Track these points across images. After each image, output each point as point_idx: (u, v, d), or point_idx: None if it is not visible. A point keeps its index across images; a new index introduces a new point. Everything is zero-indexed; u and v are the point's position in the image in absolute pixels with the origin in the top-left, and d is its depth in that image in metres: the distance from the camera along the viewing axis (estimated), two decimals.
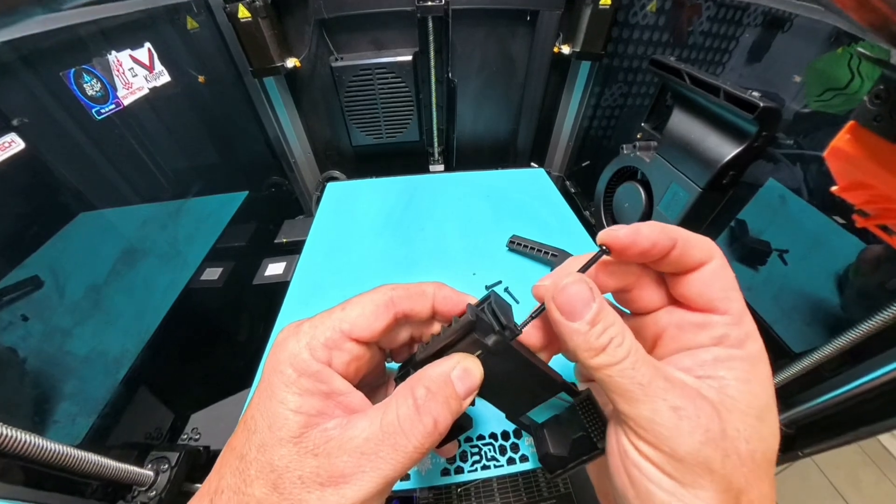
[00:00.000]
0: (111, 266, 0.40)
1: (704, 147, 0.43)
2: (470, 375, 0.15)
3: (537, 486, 0.47)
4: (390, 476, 0.13)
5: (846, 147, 0.17)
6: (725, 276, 0.14)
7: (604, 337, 0.13)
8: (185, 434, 0.46)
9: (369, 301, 0.16)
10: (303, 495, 0.12)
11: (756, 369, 0.13)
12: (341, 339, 0.15)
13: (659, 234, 0.14)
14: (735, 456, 0.12)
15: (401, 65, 0.64)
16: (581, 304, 0.14)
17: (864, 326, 0.30)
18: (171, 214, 0.51)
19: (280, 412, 0.13)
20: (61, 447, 0.26)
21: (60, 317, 0.35)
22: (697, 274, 0.14)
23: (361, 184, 0.60)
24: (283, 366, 0.14)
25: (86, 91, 0.37)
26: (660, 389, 0.13)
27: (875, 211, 0.19)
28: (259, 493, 0.12)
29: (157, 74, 0.46)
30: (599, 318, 0.14)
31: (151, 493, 0.33)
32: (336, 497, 0.12)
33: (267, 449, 0.13)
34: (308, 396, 0.14)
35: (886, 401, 0.30)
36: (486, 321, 0.16)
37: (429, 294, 0.17)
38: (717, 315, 0.14)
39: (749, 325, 0.14)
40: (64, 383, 0.34)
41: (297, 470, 0.13)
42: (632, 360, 0.13)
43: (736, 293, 0.14)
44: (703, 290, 0.14)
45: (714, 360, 0.14)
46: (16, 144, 0.30)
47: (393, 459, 0.13)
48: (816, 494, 1.01)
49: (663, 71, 0.47)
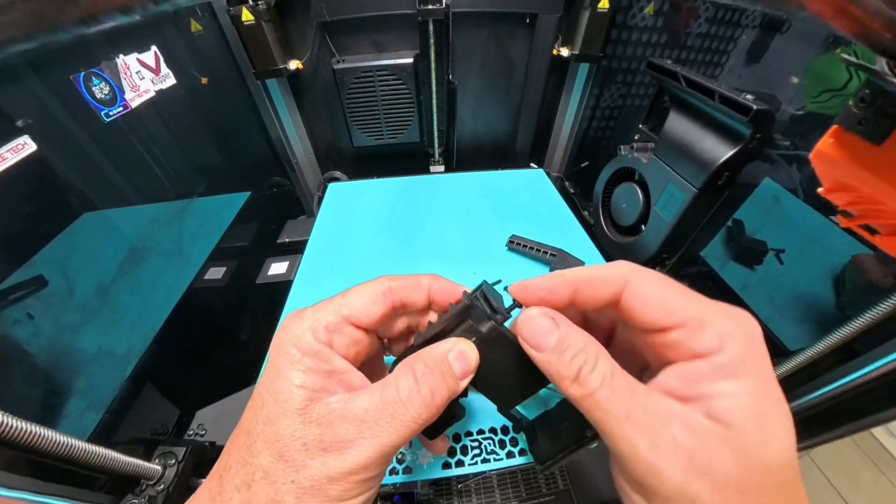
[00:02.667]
0: (118, 265, 0.41)
1: (700, 149, 0.44)
2: (465, 357, 0.16)
3: (536, 483, 0.47)
4: (388, 444, 0.13)
5: (830, 150, 0.18)
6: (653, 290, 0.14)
7: (573, 364, 0.13)
8: (190, 430, 0.46)
9: (368, 289, 0.17)
10: (306, 461, 0.13)
11: (745, 370, 0.12)
12: (342, 323, 0.16)
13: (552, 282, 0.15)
14: (732, 490, 0.11)
15: (402, 67, 0.65)
16: (544, 335, 0.14)
17: (855, 323, 0.31)
18: (176, 214, 0.52)
19: (286, 387, 0.14)
20: (73, 440, 0.27)
21: (70, 314, 0.36)
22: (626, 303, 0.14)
23: (363, 184, 0.60)
24: (287, 346, 0.15)
25: (95, 94, 0.38)
26: (638, 424, 0.12)
27: (859, 211, 0.19)
28: (265, 462, 0.13)
29: (163, 77, 0.47)
30: (564, 344, 0.14)
31: (159, 486, 0.34)
32: (338, 462, 0.13)
33: (273, 421, 0.13)
34: (311, 374, 0.14)
35: (878, 395, 0.31)
36: (480, 308, 0.17)
37: (424, 285, 0.18)
38: (676, 331, 0.13)
39: (718, 320, 0.13)
40: (74, 379, 0.35)
41: (301, 438, 0.13)
42: (605, 390, 0.12)
43: (680, 298, 0.13)
44: (644, 315, 0.14)
45: (696, 376, 0.12)
46: (28, 147, 0.31)
47: (391, 427, 0.13)
48: (816, 494, 1.02)
49: (660, 74, 0.48)
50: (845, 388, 0.32)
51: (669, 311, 0.13)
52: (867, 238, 0.20)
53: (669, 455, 0.11)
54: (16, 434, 0.24)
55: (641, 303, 0.14)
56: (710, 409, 0.12)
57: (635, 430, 0.12)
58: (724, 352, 0.12)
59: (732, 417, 0.11)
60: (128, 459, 0.31)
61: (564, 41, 0.68)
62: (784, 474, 0.11)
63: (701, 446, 0.11)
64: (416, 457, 0.29)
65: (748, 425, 0.11)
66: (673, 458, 0.11)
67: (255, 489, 0.13)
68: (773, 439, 0.11)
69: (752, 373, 0.12)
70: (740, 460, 0.11)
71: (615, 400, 0.12)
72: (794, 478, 0.12)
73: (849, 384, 0.31)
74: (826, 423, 0.35)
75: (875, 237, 0.19)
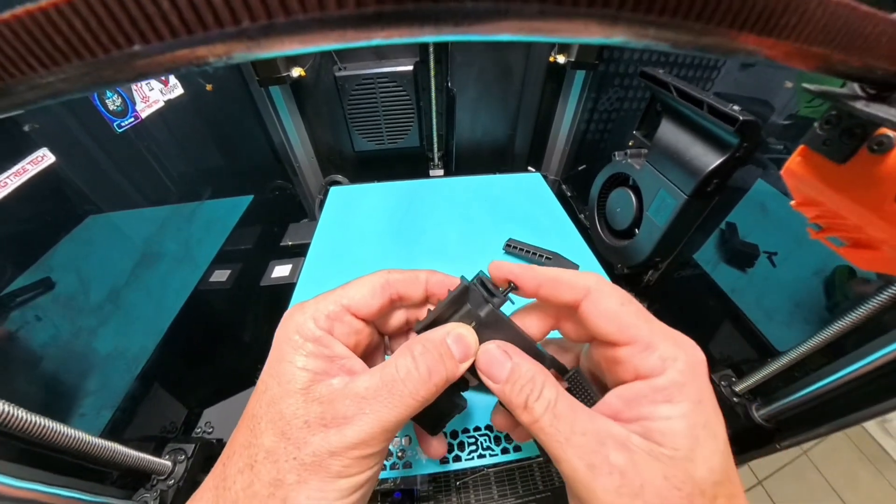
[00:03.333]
0: (131, 269, 0.43)
1: (690, 156, 0.45)
2: (463, 340, 0.16)
3: (532, 480, 0.49)
4: (388, 419, 0.14)
5: (797, 168, 0.19)
6: (611, 305, 0.15)
7: (522, 393, 0.14)
8: (198, 428, 0.48)
9: (367, 282, 0.18)
10: (308, 438, 0.13)
11: (682, 395, 0.13)
12: (342, 312, 0.16)
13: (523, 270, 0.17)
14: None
15: (402, 74, 0.67)
16: (498, 367, 0.15)
17: (839, 324, 0.32)
18: (185, 218, 0.54)
19: (289, 370, 0.14)
20: (87, 437, 0.28)
21: (86, 317, 0.37)
22: (584, 311, 0.15)
23: (364, 188, 0.62)
24: (290, 333, 0.15)
25: (108, 106, 0.40)
26: (576, 447, 0.13)
27: (826, 224, 0.21)
28: (268, 442, 0.13)
29: (171, 88, 0.49)
30: (515, 375, 0.15)
31: (170, 481, 0.35)
32: (338, 437, 0.13)
33: (277, 401, 0.14)
34: (313, 358, 0.15)
35: (860, 393, 0.32)
36: (478, 292, 0.17)
37: (422, 279, 0.19)
38: (625, 348, 0.14)
39: (663, 345, 0.13)
40: (88, 378, 0.37)
41: (303, 416, 0.13)
42: (549, 416, 0.13)
43: (634, 318, 0.14)
44: (598, 326, 0.15)
45: (637, 397, 0.13)
46: (48, 158, 0.33)
47: (390, 403, 0.14)
48: (813, 493, 1.02)
49: (652, 83, 0.49)
50: (829, 387, 0.33)
51: (622, 327, 0.14)
52: (833, 249, 0.21)
53: (604, 476, 0.12)
54: (35, 430, 0.25)
55: (597, 314, 0.15)
56: (646, 430, 0.13)
57: (575, 452, 0.13)
58: (664, 375, 0.13)
59: (665, 439, 0.12)
60: (139, 455, 0.33)
61: (561, 48, 0.69)
62: (715, 491, 0.12)
63: (633, 466, 0.12)
64: (415, 452, 0.31)
65: (680, 447, 0.12)
66: (607, 479, 0.12)
67: (257, 469, 0.13)
68: (703, 461, 0.12)
69: (689, 398, 0.13)
70: (670, 479, 0.12)
71: (557, 424, 0.13)
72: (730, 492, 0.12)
73: (836, 381, 0.32)
74: (811, 421, 0.36)
75: (841, 248, 0.20)
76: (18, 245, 0.33)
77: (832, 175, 0.17)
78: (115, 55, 0.08)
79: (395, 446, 0.31)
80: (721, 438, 0.13)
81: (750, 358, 0.47)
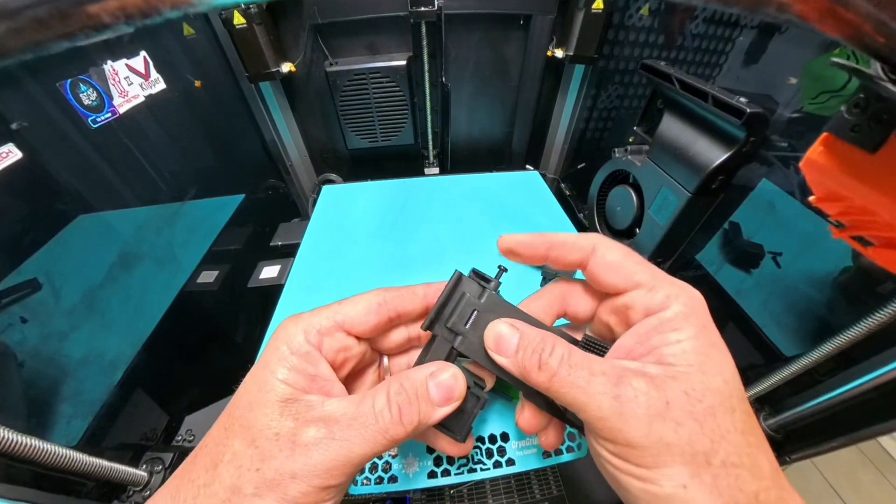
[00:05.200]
0: (107, 269, 0.41)
1: (693, 152, 0.43)
2: (444, 385, 0.16)
3: (530, 489, 0.47)
4: (355, 452, 0.14)
5: (820, 159, 0.18)
6: (615, 257, 0.16)
7: (534, 356, 0.15)
8: (179, 435, 0.46)
9: (363, 300, 0.18)
10: (274, 452, 0.13)
11: (688, 323, 0.14)
12: (334, 329, 0.17)
13: (532, 238, 0.18)
14: (690, 420, 0.12)
15: (395, 69, 0.65)
16: (506, 342, 0.16)
17: (854, 330, 0.31)
18: (168, 218, 0.52)
19: (270, 379, 0.15)
20: (58, 449, 0.27)
21: (58, 319, 0.35)
22: (592, 267, 0.17)
23: (357, 186, 0.60)
24: (279, 343, 0.16)
25: (82, 101, 0.38)
26: (599, 385, 0.13)
27: (850, 222, 0.19)
28: (237, 446, 0.13)
29: (152, 82, 0.47)
30: (524, 343, 0.16)
31: (146, 493, 0.33)
32: (304, 458, 0.13)
33: (254, 407, 0.14)
34: (295, 372, 0.15)
35: (876, 405, 0.30)
36: (473, 282, 0.18)
37: (420, 293, 0.19)
38: (633, 292, 0.15)
39: (666, 286, 0.15)
40: (61, 385, 0.35)
41: (275, 428, 0.14)
42: (565, 367, 0.14)
43: (637, 266, 0.16)
44: (606, 278, 0.16)
45: (648, 332, 0.14)
46: (13, 154, 0.31)
47: (361, 436, 0.14)
48: (815, 495, 1.01)
49: (654, 75, 0.47)
50: (843, 397, 0.31)
51: (628, 274, 0.16)
52: (860, 250, 0.19)
53: (630, 402, 0.13)
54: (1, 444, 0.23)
55: (605, 268, 0.16)
56: (659, 358, 0.14)
57: (598, 391, 0.13)
58: (669, 308, 0.14)
59: (678, 360, 0.13)
60: (114, 466, 0.31)
61: (559, 42, 0.67)
62: (732, 402, 0.13)
63: (655, 388, 0.13)
64: (401, 465, 0.29)
65: (693, 364, 0.13)
66: (634, 405, 0.13)
67: (220, 470, 0.13)
68: (715, 373, 0.13)
69: (693, 324, 0.14)
70: (691, 394, 0.12)
71: (575, 373, 0.14)
72: (744, 407, 0.13)
73: (851, 392, 0.31)
74: (823, 434, 0.34)
75: (868, 249, 0.19)
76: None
77: (861, 166, 0.16)
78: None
79: (380, 459, 0.29)
80: (729, 356, 0.14)
81: (756, 364, 0.45)
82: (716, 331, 0.14)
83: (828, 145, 0.17)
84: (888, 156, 0.15)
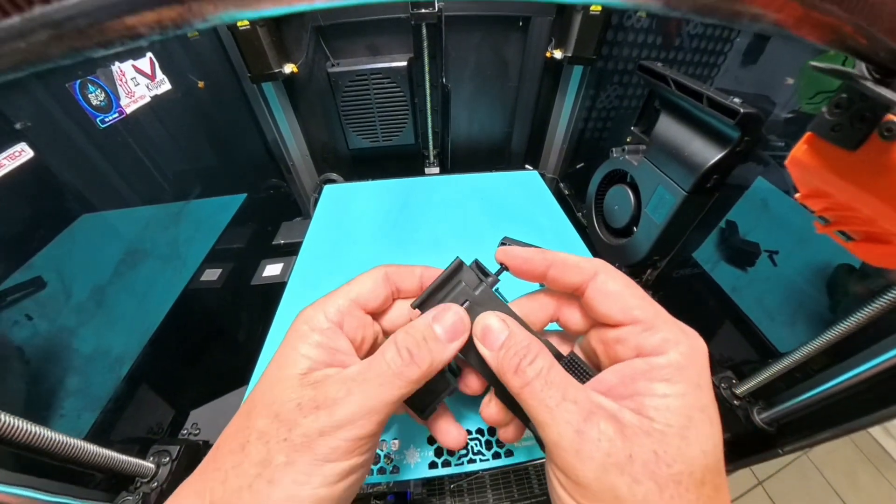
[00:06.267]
0: (115, 266, 0.42)
1: (689, 151, 0.44)
2: (449, 320, 0.16)
3: (528, 483, 0.48)
4: (375, 399, 0.14)
5: (804, 157, 0.18)
6: (616, 287, 0.15)
7: (514, 357, 0.15)
8: (185, 429, 0.47)
9: (370, 275, 0.19)
10: (299, 419, 0.13)
11: (680, 376, 0.13)
12: (352, 307, 0.17)
13: (532, 254, 0.17)
14: (650, 482, 0.11)
15: (396, 70, 0.66)
16: (494, 335, 0.16)
17: (843, 325, 0.31)
18: (172, 217, 0.53)
19: (291, 354, 0.15)
20: (69, 439, 0.28)
21: (67, 316, 0.36)
22: (590, 293, 0.16)
23: (358, 186, 0.61)
24: (300, 324, 0.16)
25: (90, 101, 0.39)
26: (566, 412, 0.13)
27: (834, 218, 0.19)
28: (261, 424, 0.14)
29: (158, 83, 0.48)
30: (510, 342, 0.15)
31: (153, 484, 0.34)
32: (327, 417, 0.13)
33: (273, 385, 0.15)
34: (316, 347, 0.15)
35: (865, 398, 0.31)
36: (472, 272, 0.18)
37: (417, 273, 0.20)
38: (628, 327, 0.14)
39: (666, 329, 0.14)
40: (71, 379, 0.36)
41: (296, 399, 0.14)
42: (540, 381, 0.14)
43: (639, 301, 0.14)
44: (602, 307, 0.15)
45: (634, 374, 0.13)
46: (25, 154, 0.32)
47: (377, 385, 0.14)
48: (814, 494, 1.01)
49: (650, 76, 0.48)
50: (837, 388, 0.32)
51: (626, 308, 0.15)
52: (842, 244, 0.20)
53: (590, 443, 0.12)
54: (15, 433, 0.24)
55: (603, 296, 0.15)
56: (639, 407, 0.13)
57: (563, 416, 0.13)
58: (665, 355, 0.13)
59: (658, 416, 0.12)
60: (123, 458, 0.32)
61: (558, 43, 0.68)
62: (704, 476, 0.12)
63: (623, 439, 0.12)
64: (403, 456, 0.30)
65: (673, 425, 0.12)
66: (594, 446, 0.12)
67: (248, 450, 0.13)
68: (695, 442, 0.12)
69: (687, 380, 0.13)
70: (661, 456, 0.11)
71: (547, 391, 0.13)
72: (716, 482, 0.12)
73: (841, 385, 0.31)
74: (814, 426, 0.35)
75: (849, 244, 0.19)
76: None
77: (842, 164, 0.16)
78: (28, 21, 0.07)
79: (382, 450, 0.30)
80: (717, 426, 0.12)
81: (751, 359, 0.46)
82: (710, 391, 0.13)
83: (811, 144, 0.18)
84: (867, 154, 0.16)
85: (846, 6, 0.09)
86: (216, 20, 0.07)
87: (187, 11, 0.07)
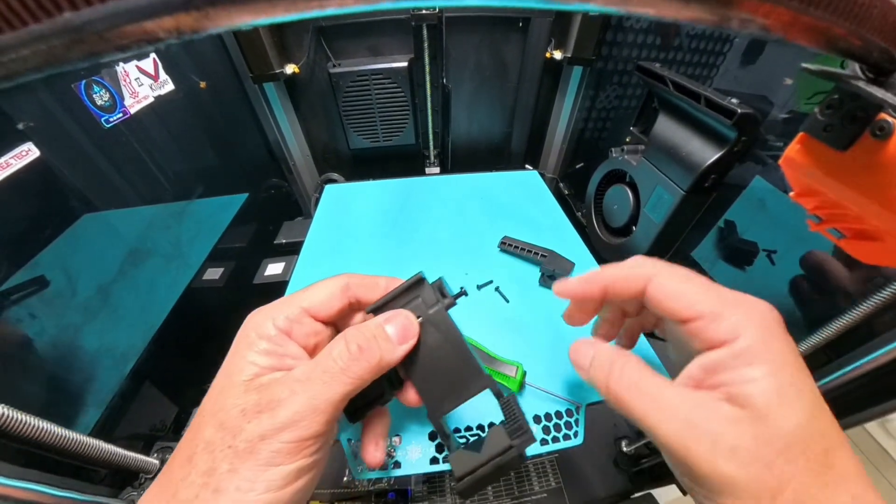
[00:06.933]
0: (119, 265, 0.42)
1: (687, 151, 0.45)
2: (401, 323, 0.17)
3: (528, 481, 0.48)
4: (321, 397, 0.14)
5: (797, 157, 0.19)
6: (674, 285, 0.16)
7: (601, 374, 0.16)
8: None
9: (328, 285, 0.18)
10: (243, 425, 0.13)
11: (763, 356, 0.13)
12: (301, 315, 0.17)
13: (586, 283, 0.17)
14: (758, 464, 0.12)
15: (397, 70, 0.66)
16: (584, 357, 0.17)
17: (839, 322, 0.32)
18: (175, 216, 0.53)
19: (237, 362, 0.15)
20: (75, 435, 0.28)
21: (73, 314, 0.37)
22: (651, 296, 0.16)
23: (359, 186, 0.61)
24: (247, 331, 0.16)
25: (95, 101, 0.39)
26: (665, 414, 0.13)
27: (826, 216, 0.20)
28: (208, 434, 0.14)
29: (161, 83, 0.48)
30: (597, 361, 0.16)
31: None
32: (270, 420, 0.13)
33: (220, 394, 0.15)
34: (264, 354, 0.15)
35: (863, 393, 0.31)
36: (431, 290, 0.18)
37: (381, 286, 0.19)
38: (695, 322, 0.14)
39: (732, 311, 0.14)
40: (75, 376, 0.36)
41: (241, 405, 0.14)
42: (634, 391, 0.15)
43: (699, 293, 0.15)
44: (665, 308, 0.15)
45: (716, 365, 0.14)
46: (32, 153, 0.32)
47: (322, 381, 0.14)
48: None
49: (648, 77, 0.49)
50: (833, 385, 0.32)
51: (689, 304, 0.15)
52: (834, 241, 0.20)
53: (695, 439, 0.13)
54: (21, 428, 0.25)
55: (664, 296, 0.16)
56: (730, 395, 0.13)
57: (665, 419, 0.13)
58: (739, 340, 0.13)
59: (750, 400, 0.12)
60: (127, 454, 0.32)
61: (557, 44, 0.68)
62: (808, 443, 0.12)
63: (724, 429, 0.12)
64: (405, 452, 0.30)
65: (766, 405, 0.12)
66: (698, 442, 0.12)
67: (195, 461, 0.13)
68: (791, 414, 0.12)
69: (767, 357, 0.13)
70: (761, 437, 0.12)
71: (643, 398, 0.14)
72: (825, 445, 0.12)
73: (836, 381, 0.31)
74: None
75: (841, 241, 0.20)
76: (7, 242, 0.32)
77: (833, 163, 0.17)
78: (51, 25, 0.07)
79: None
80: (808, 394, 0.13)
81: None
82: (794, 358, 0.13)
83: (804, 144, 0.18)
84: (857, 154, 0.16)
85: (834, 9, 0.10)
86: (232, 27, 0.08)
87: (204, 18, 0.08)
